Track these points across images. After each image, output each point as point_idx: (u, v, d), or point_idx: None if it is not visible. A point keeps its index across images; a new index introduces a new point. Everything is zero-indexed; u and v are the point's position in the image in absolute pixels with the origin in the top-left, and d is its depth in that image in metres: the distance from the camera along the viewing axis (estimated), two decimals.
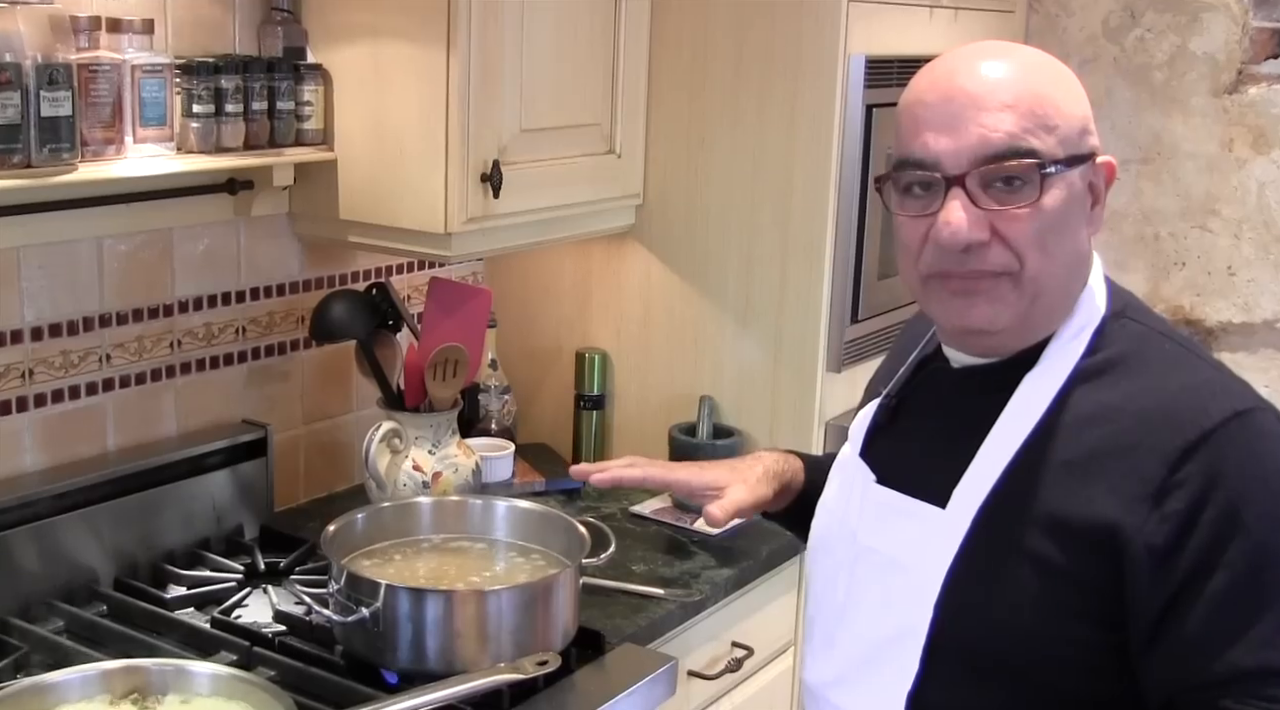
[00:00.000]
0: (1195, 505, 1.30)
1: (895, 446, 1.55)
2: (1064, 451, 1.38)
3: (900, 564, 1.45)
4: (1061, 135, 1.37)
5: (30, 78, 1.76)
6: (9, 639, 1.89)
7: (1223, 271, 3.02)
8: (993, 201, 1.36)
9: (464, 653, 1.80)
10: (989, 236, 1.37)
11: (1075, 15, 3.10)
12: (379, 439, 2.22)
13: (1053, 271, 1.39)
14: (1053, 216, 1.37)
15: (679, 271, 2.64)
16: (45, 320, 2.06)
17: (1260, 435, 1.33)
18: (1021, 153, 1.35)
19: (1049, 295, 1.41)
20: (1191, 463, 1.31)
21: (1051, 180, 1.36)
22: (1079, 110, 1.41)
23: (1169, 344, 1.43)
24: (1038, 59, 1.42)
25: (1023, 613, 1.36)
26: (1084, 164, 1.40)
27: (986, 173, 1.36)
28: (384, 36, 2.19)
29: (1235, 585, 1.29)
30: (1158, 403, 1.36)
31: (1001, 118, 1.35)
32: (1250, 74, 2.95)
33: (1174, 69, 3.01)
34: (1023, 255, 1.37)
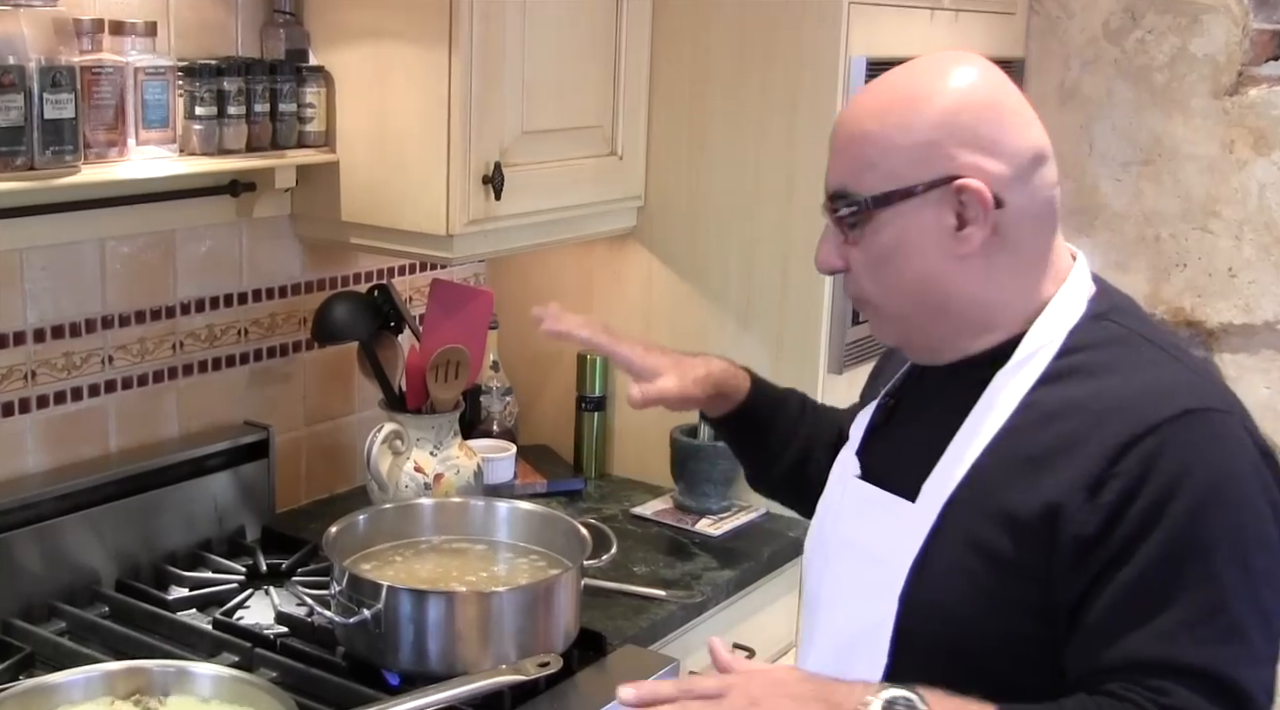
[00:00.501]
0: (1126, 497, 1.31)
1: (886, 443, 1.59)
2: (1024, 448, 1.40)
3: (873, 557, 1.48)
4: (886, 171, 1.42)
5: (33, 80, 1.77)
6: (11, 640, 1.89)
7: (1223, 273, 3.02)
8: (841, 234, 1.48)
9: (465, 654, 1.81)
10: (844, 265, 1.49)
11: (1076, 17, 3.11)
12: (381, 440, 2.23)
13: (895, 301, 1.48)
14: (879, 248, 1.45)
15: (680, 273, 2.64)
16: (48, 322, 2.06)
17: (1207, 435, 1.34)
18: (840, 195, 1.46)
19: (910, 320, 1.49)
20: (1130, 456, 1.32)
21: (869, 214, 1.44)
22: (917, 139, 1.41)
23: (1147, 346, 1.44)
24: (905, 89, 1.45)
25: (975, 606, 1.38)
26: (924, 194, 1.41)
27: (829, 209, 1.48)
28: (386, 38, 2.19)
29: (1146, 576, 1.30)
30: (1117, 399, 1.37)
31: (836, 162, 1.48)
32: (1251, 75, 2.95)
33: (1174, 70, 3.02)
34: (861, 284, 1.49)
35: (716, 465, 2.52)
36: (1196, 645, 1.28)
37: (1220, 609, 1.29)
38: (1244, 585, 1.30)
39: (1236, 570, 1.30)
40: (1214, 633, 1.28)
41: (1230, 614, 1.29)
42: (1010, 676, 1.38)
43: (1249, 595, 1.30)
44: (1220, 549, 1.30)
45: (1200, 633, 1.28)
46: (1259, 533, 1.33)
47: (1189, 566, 1.29)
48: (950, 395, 1.48)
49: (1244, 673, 1.29)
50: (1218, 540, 1.30)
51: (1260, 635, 1.31)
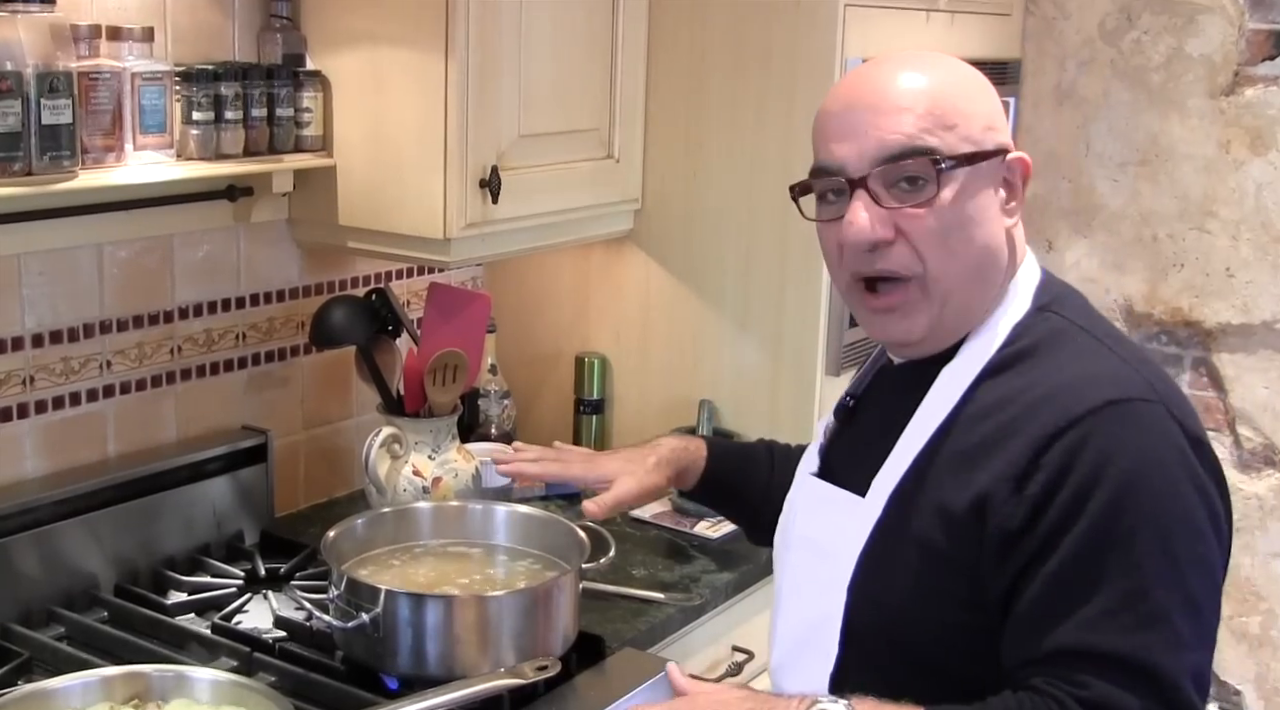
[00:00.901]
0: (1049, 489, 1.33)
1: (844, 443, 1.61)
2: (960, 442, 1.42)
3: (824, 551, 1.50)
4: (962, 133, 1.42)
5: (31, 86, 1.77)
6: (10, 645, 1.89)
7: (1221, 273, 3.02)
8: (894, 200, 1.42)
9: (464, 658, 1.81)
10: (893, 235, 1.42)
11: (1072, 18, 3.11)
12: (379, 444, 2.23)
13: (957, 271, 1.43)
14: (954, 213, 1.41)
15: (678, 275, 2.64)
16: (46, 327, 2.06)
17: (1130, 425, 1.34)
18: (919, 151, 1.40)
19: (958, 295, 1.45)
20: (1054, 448, 1.34)
21: (950, 175, 1.40)
22: (981, 108, 1.44)
23: (1084, 337, 1.45)
24: (938, 63, 1.47)
25: (912, 597, 1.41)
26: (990, 160, 1.43)
27: (886, 172, 1.41)
28: (383, 43, 2.19)
29: (1069, 567, 1.31)
30: (1046, 391, 1.38)
31: (900, 120, 1.41)
32: (1247, 75, 2.95)
33: (1171, 71, 3.02)
34: (924, 255, 1.42)
35: None
36: (1118, 633, 1.29)
37: (1142, 596, 1.30)
38: (1167, 572, 1.31)
39: (1159, 557, 1.30)
40: (1135, 619, 1.29)
41: (1152, 601, 1.30)
42: (952, 667, 1.40)
43: (1173, 582, 1.31)
44: (1141, 537, 1.31)
45: (1122, 620, 1.29)
46: (1184, 520, 1.33)
47: (1111, 556, 1.30)
48: (903, 392, 1.51)
49: (1166, 659, 1.29)
50: (1138, 528, 1.31)
51: (1185, 622, 1.31)
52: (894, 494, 1.45)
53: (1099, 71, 3.10)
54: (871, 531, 1.45)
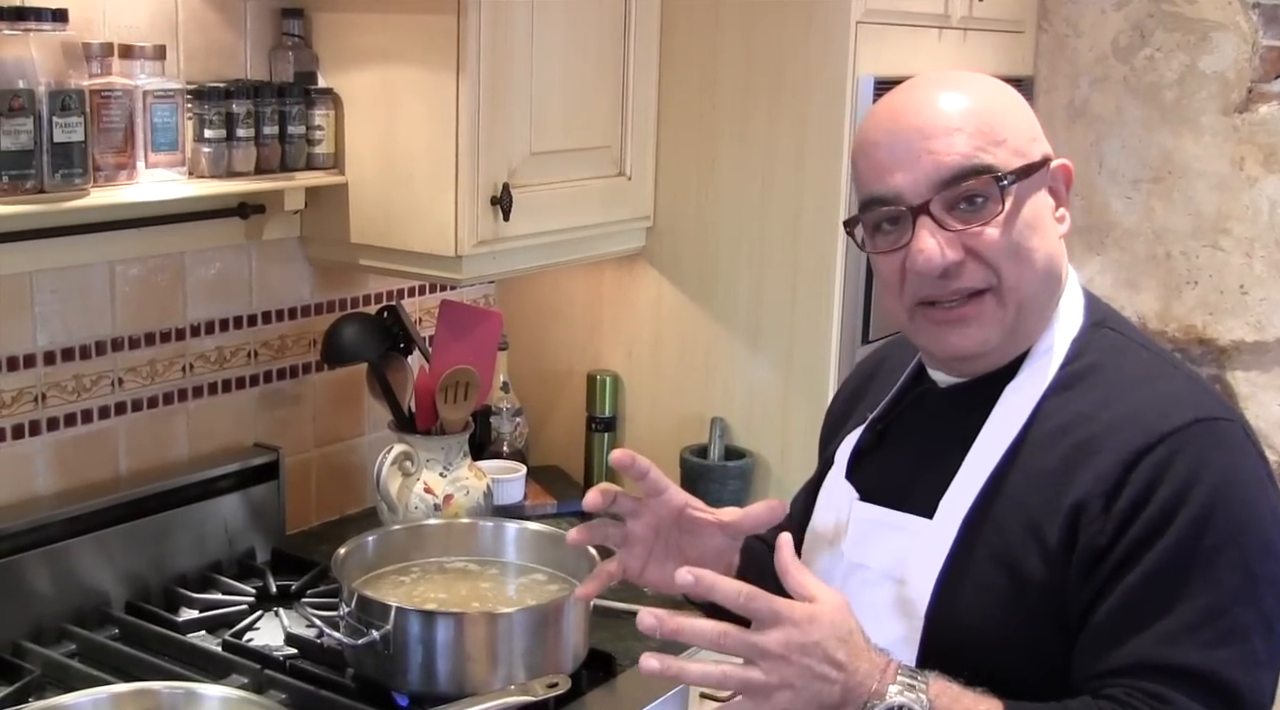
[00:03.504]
0: (1137, 504, 1.32)
1: (881, 466, 1.57)
2: (1041, 460, 1.40)
3: (891, 577, 1.46)
4: (1012, 147, 1.41)
5: (43, 104, 1.77)
6: (21, 662, 1.89)
7: (1235, 290, 3.01)
8: (958, 222, 1.40)
9: (474, 675, 1.80)
10: (963, 256, 1.40)
11: (1085, 35, 3.11)
12: (390, 462, 2.23)
13: (1031, 278, 1.43)
14: (1020, 225, 1.41)
15: (689, 293, 2.64)
16: (58, 344, 2.07)
17: (1216, 443, 1.35)
18: (978, 170, 1.39)
19: (1032, 302, 1.44)
20: (1143, 464, 1.33)
21: (1011, 190, 1.40)
22: (1024, 120, 1.45)
23: (1146, 354, 1.46)
24: (972, 80, 1.46)
25: (1001, 621, 1.38)
26: (1040, 170, 1.43)
27: (948, 196, 1.40)
28: (394, 61, 2.20)
29: (1151, 580, 1.30)
30: (1126, 410, 1.38)
31: (952, 141, 1.39)
32: (1260, 92, 2.95)
33: (1184, 88, 3.01)
34: (998, 268, 1.41)
35: (726, 485, 2.52)
36: (1197, 648, 1.28)
37: (1222, 612, 1.29)
38: (1246, 590, 1.31)
39: (1240, 575, 1.30)
40: (1215, 636, 1.29)
41: (1232, 617, 1.29)
42: (1033, 690, 1.37)
43: (1251, 600, 1.31)
44: (1225, 554, 1.30)
45: (1202, 636, 1.29)
46: (1262, 538, 1.33)
47: (1194, 571, 1.30)
48: (958, 414, 1.48)
49: (1242, 676, 1.29)
50: (1222, 546, 1.31)
51: (1261, 640, 1.31)
52: (970, 515, 1.42)
53: (1112, 89, 3.09)
54: (948, 555, 1.42)
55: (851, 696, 1.29)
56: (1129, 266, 3.11)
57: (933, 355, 1.52)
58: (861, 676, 1.29)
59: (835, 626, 1.29)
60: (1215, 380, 3.05)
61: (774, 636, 1.28)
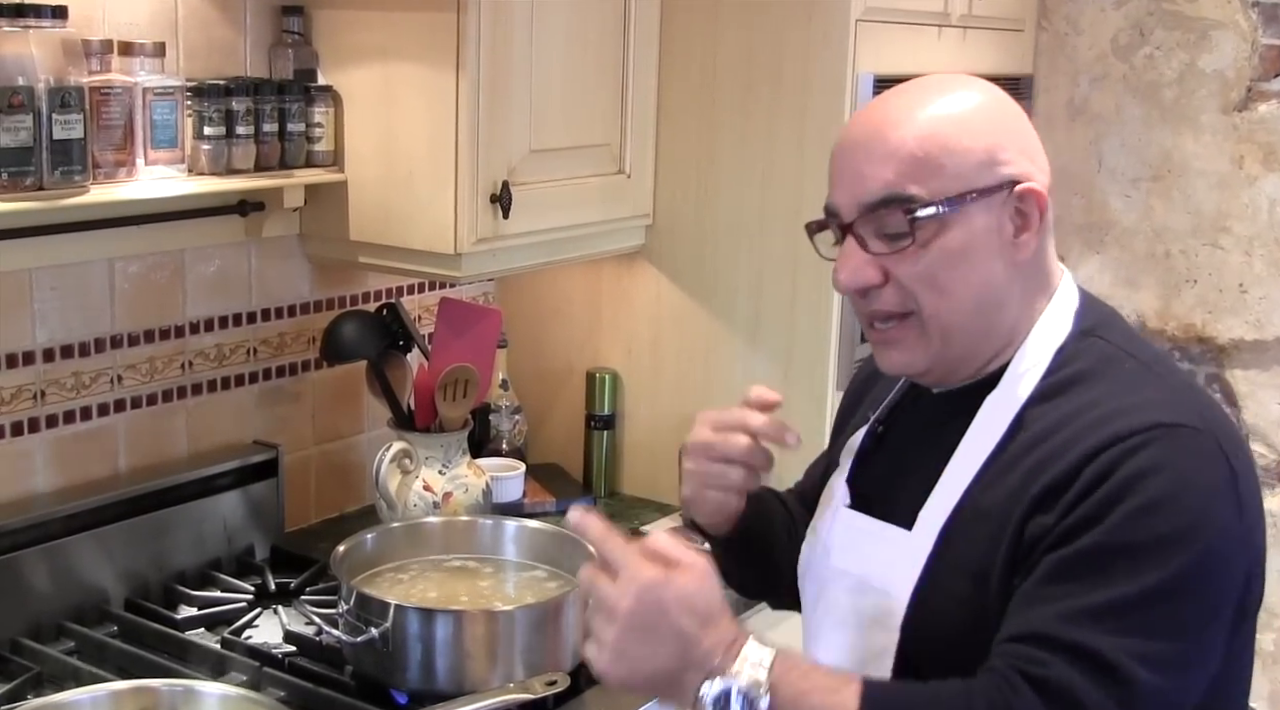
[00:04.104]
0: (1082, 494, 1.31)
1: (876, 471, 1.56)
2: (1013, 472, 1.38)
3: (870, 586, 1.46)
4: (953, 172, 1.38)
5: (42, 100, 1.77)
6: (20, 659, 1.90)
7: (1234, 289, 3.01)
8: (882, 245, 1.40)
9: (473, 673, 1.81)
10: (880, 279, 1.41)
11: (1084, 33, 3.11)
12: (389, 459, 2.23)
13: (954, 308, 1.41)
14: (941, 255, 1.39)
15: (689, 291, 2.64)
16: (57, 341, 2.07)
17: (1174, 449, 1.32)
18: (894, 199, 1.38)
19: (959, 331, 1.42)
20: (1096, 461, 1.32)
21: (927, 223, 1.38)
22: (983, 142, 1.40)
23: (1131, 363, 1.43)
24: (947, 93, 1.43)
25: (974, 635, 1.36)
26: (988, 197, 1.39)
27: (868, 221, 1.40)
28: (394, 58, 2.20)
29: (1073, 560, 1.29)
30: (1095, 417, 1.36)
31: (882, 167, 1.39)
32: (1260, 91, 2.95)
33: (1184, 86, 3.01)
34: (916, 295, 1.40)
35: None
36: (1097, 631, 1.26)
37: (1135, 606, 1.27)
38: (1167, 592, 1.28)
39: (1167, 578, 1.28)
40: (1119, 625, 1.27)
41: (1144, 613, 1.27)
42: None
43: (1171, 601, 1.28)
44: (1159, 553, 1.28)
45: (1106, 622, 1.27)
46: (1204, 547, 1.30)
47: (1119, 562, 1.28)
48: (943, 421, 1.47)
49: (1140, 668, 1.26)
50: (1154, 545, 1.28)
51: (1171, 645, 1.28)
52: (945, 527, 1.41)
53: (1111, 87, 3.09)
54: (924, 566, 1.41)
55: (690, 666, 1.27)
56: (1128, 265, 3.11)
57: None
58: (704, 649, 1.27)
59: (684, 593, 1.28)
60: (1214, 379, 3.05)
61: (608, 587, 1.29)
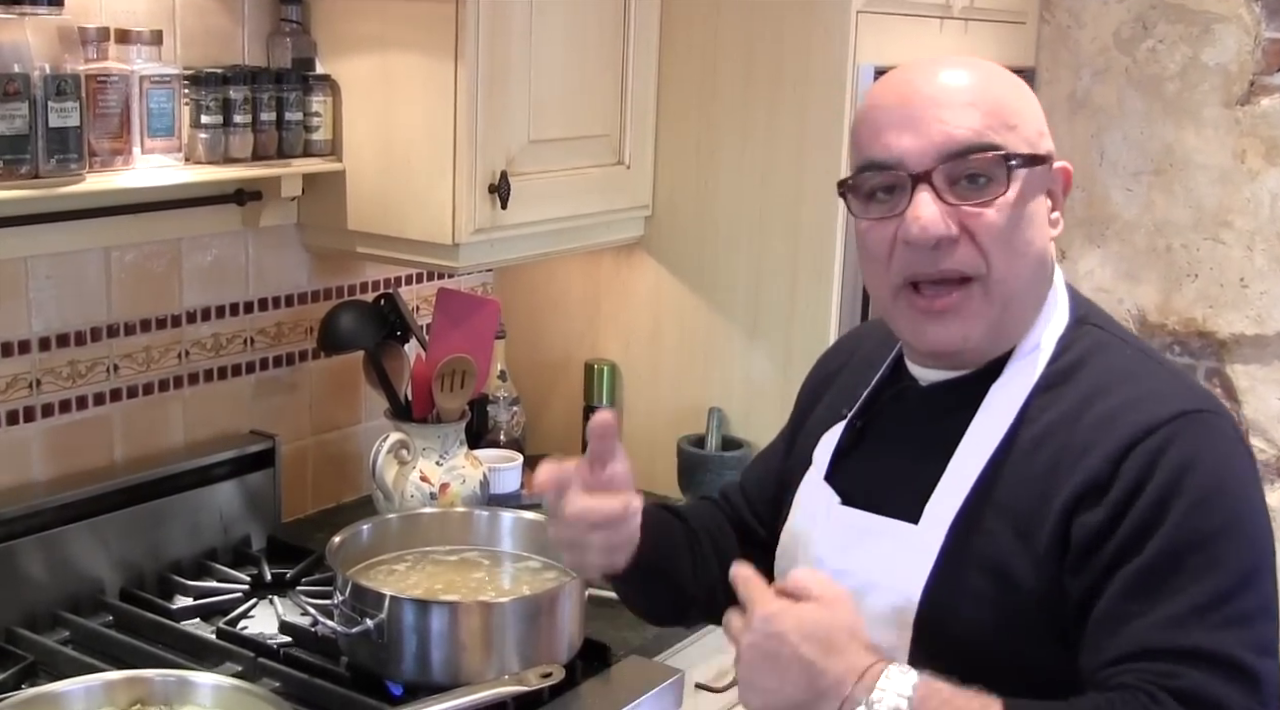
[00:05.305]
0: (1130, 494, 1.31)
1: (862, 468, 1.52)
2: (1029, 464, 1.37)
3: (876, 585, 1.42)
4: (1022, 134, 1.39)
5: (38, 88, 1.77)
6: (15, 649, 1.89)
7: (1235, 283, 3.00)
8: (957, 197, 1.37)
9: (469, 664, 1.80)
10: (958, 233, 1.37)
11: (1087, 26, 3.10)
12: (386, 450, 2.22)
13: (1019, 272, 1.39)
14: (1019, 213, 1.38)
15: (688, 283, 2.63)
16: (53, 330, 2.06)
17: (1204, 433, 1.34)
18: (988, 147, 1.36)
19: (1018, 299, 1.41)
20: (1133, 456, 1.32)
21: (1016, 174, 1.37)
22: (1034, 113, 1.43)
23: (1129, 350, 1.44)
24: (985, 65, 1.44)
25: (992, 629, 1.35)
26: (1043, 165, 1.41)
27: (953, 168, 1.36)
28: (392, 48, 2.19)
29: (1152, 568, 1.29)
30: (1111, 407, 1.36)
31: (965, 114, 1.36)
32: (1262, 85, 2.94)
33: (1186, 80, 3.00)
34: (989, 254, 1.37)
35: (723, 476, 2.51)
36: (1206, 630, 1.26)
37: (1226, 597, 1.28)
38: (1246, 578, 1.30)
39: (1239, 561, 1.30)
40: (1222, 619, 1.27)
41: (1236, 602, 1.28)
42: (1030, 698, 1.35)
43: (1251, 587, 1.30)
44: (1223, 540, 1.29)
45: (1209, 619, 1.27)
46: (1256, 529, 1.33)
47: (1193, 557, 1.28)
48: (940, 414, 1.45)
49: (1254, 658, 1.27)
50: (1220, 532, 1.29)
51: (1265, 625, 1.30)
52: (956, 521, 1.38)
53: (1113, 80, 3.08)
54: (936, 561, 1.38)
55: (820, 696, 1.25)
56: (1129, 259, 3.10)
57: (912, 346, 1.48)
58: (832, 679, 1.25)
59: (803, 622, 1.26)
60: (1215, 373, 3.04)
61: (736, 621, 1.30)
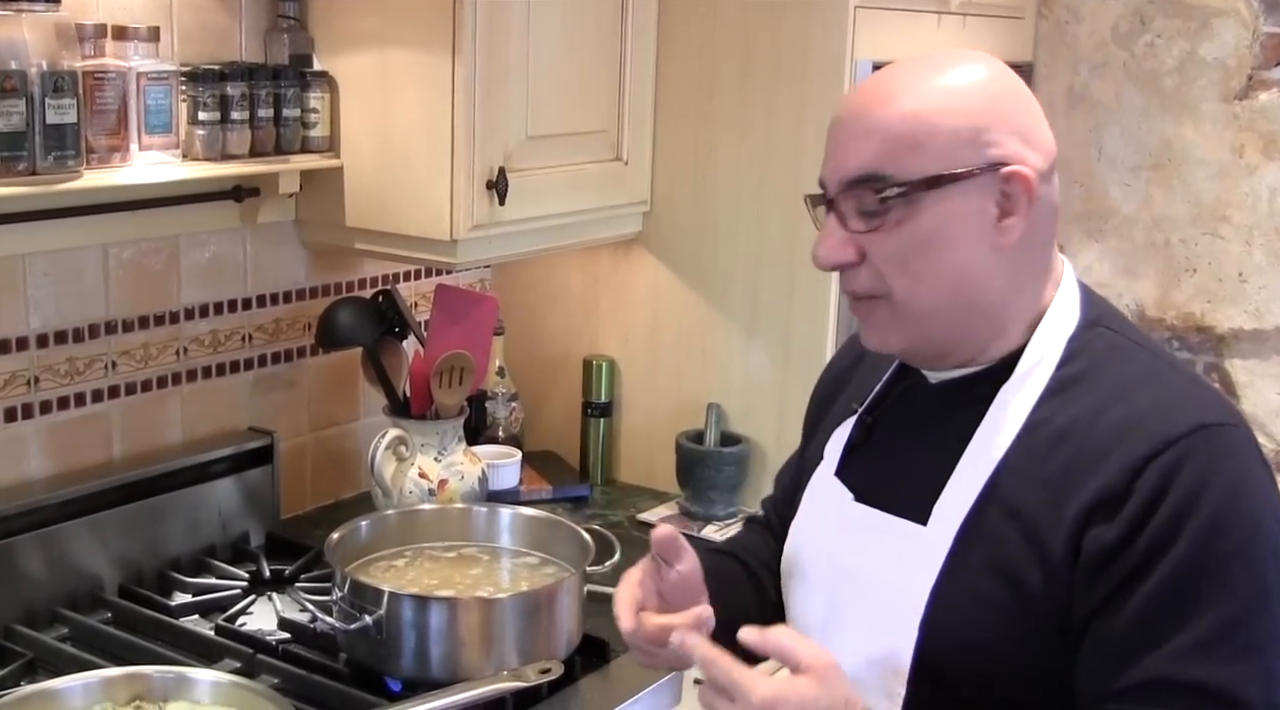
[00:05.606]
0: (1145, 511, 1.29)
1: (872, 464, 1.52)
2: (1040, 467, 1.36)
3: (883, 584, 1.41)
4: (932, 153, 1.35)
5: (35, 85, 1.77)
6: (13, 646, 1.89)
7: (1234, 278, 3.00)
8: (860, 224, 1.38)
9: (467, 660, 1.80)
10: (856, 258, 1.39)
11: (1085, 21, 3.09)
12: (385, 446, 2.22)
13: (924, 293, 1.38)
14: (916, 238, 1.36)
15: (686, 278, 2.63)
16: (51, 327, 2.06)
17: (1221, 450, 1.31)
18: (872, 178, 1.36)
19: (937, 315, 1.39)
20: (1149, 470, 1.30)
21: (903, 202, 1.35)
22: (964, 123, 1.36)
23: (1143, 354, 1.42)
24: (935, 72, 1.39)
25: (999, 634, 1.34)
26: (966, 180, 1.36)
27: (846, 197, 1.38)
28: (390, 44, 2.19)
29: (1164, 592, 1.27)
30: (1127, 415, 1.34)
31: (863, 144, 1.37)
32: (1261, 80, 2.93)
33: (1184, 75, 3.00)
34: (886, 277, 1.38)
35: (722, 472, 2.51)
36: (1213, 665, 1.25)
37: (1236, 626, 1.26)
38: (1260, 601, 1.28)
39: (1253, 585, 1.28)
40: (1230, 652, 1.26)
41: (1247, 631, 1.27)
42: (1035, 705, 1.35)
43: (1266, 613, 1.28)
44: (1237, 564, 1.27)
45: (1217, 652, 1.26)
46: (1273, 546, 1.30)
47: (1206, 581, 1.27)
48: (949, 412, 1.44)
49: (1257, 692, 1.26)
50: (1234, 555, 1.28)
51: (1274, 654, 1.28)
52: (965, 523, 1.37)
53: (1111, 75, 3.08)
54: (944, 562, 1.37)
55: None
56: (1128, 254, 3.10)
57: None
58: None
59: (801, 701, 1.24)
60: (1213, 368, 3.04)
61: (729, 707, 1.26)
